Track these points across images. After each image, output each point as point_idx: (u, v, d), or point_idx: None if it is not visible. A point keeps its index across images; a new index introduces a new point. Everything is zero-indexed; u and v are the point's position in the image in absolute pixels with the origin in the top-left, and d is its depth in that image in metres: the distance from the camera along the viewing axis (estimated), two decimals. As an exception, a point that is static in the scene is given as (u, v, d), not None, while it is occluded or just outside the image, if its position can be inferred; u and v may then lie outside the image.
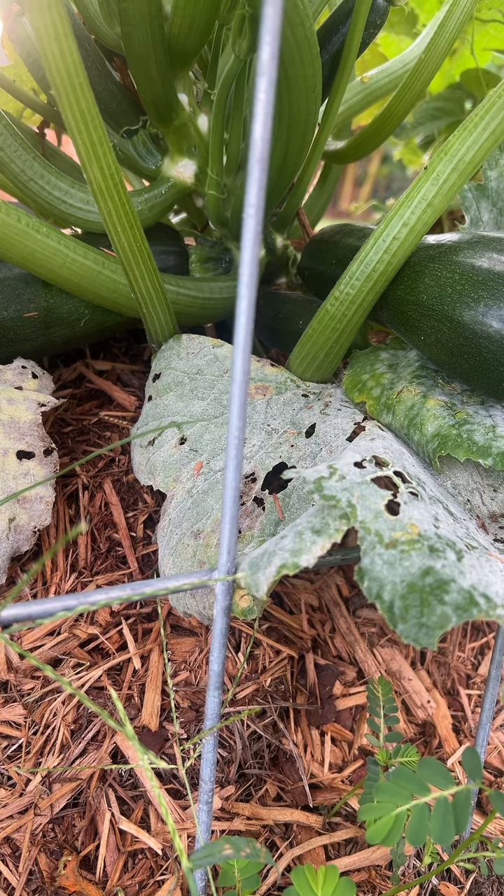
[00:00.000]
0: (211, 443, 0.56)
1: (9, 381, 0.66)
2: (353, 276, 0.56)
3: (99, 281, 0.63)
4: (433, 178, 0.52)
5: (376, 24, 0.76)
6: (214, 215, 0.74)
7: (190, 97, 0.68)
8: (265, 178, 0.27)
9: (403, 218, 0.53)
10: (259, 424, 0.57)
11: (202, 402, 0.59)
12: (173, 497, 0.55)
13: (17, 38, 0.70)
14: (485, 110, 0.50)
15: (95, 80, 0.68)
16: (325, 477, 0.40)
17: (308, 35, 0.53)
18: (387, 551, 0.35)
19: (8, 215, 0.56)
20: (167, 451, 0.57)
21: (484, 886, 0.56)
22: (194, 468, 0.55)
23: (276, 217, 0.82)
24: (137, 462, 0.60)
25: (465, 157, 0.51)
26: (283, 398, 0.60)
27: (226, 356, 0.62)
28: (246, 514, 0.51)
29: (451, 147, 0.51)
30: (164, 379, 0.63)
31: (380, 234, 0.54)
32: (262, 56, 0.25)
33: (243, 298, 0.28)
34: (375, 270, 0.55)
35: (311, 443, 0.54)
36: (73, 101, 0.45)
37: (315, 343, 0.60)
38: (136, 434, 0.62)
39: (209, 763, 0.40)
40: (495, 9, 1.08)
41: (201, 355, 0.63)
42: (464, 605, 0.33)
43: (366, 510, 0.37)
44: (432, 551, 0.36)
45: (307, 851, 0.54)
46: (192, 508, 0.52)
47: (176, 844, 0.29)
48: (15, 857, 0.52)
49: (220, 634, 0.37)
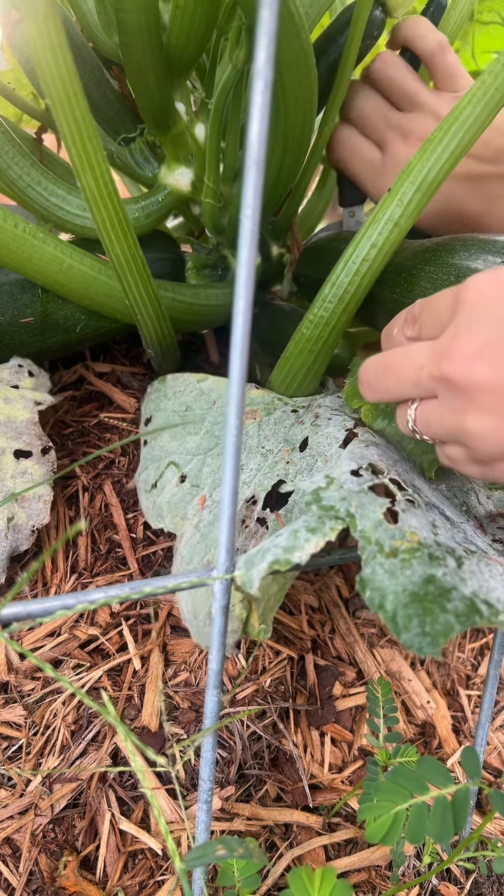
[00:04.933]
0: (210, 475, 0.57)
1: (4, 379, 0.66)
2: (325, 299, 0.57)
3: (95, 287, 0.64)
4: (398, 200, 0.53)
5: (373, 35, 0.77)
6: (211, 223, 0.75)
7: (187, 106, 0.69)
8: (262, 179, 0.27)
9: (371, 239, 0.54)
10: (254, 448, 0.58)
11: (195, 436, 0.60)
12: (183, 535, 0.55)
13: (16, 44, 0.71)
14: (443, 131, 0.51)
15: (93, 89, 0.68)
16: (322, 487, 0.40)
17: (304, 46, 0.54)
18: (388, 560, 0.35)
19: (5, 220, 0.57)
20: (170, 491, 0.58)
21: (484, 886, 0.56)
22: (198, 503, 0.56)
23: (272, 225, 0.83)
24: (145, 507, 0.61)
25: (427, 178, 0.52)
26: (273, 418, 0.60)
27: (211, 388, 0.63)
28: (250, 536, 0.51)
29: (413, 168, 0.52)
30: (156, 421, 0.64)
31: (349, 256, 0.55)
32: (257, 59, 0.26)
33: (240, 299, 0.29)
34: (347, 292, 0.56)
35: (306, 456, 0.54)
36: (67, 111, 0.46)
37: (294, 364, 0.61)
38: (139, 478, 0.63)
39: (208, 762, 0.40)
40: (495, 11, 1.09)
41: (188, 392, 0.64)
42: (466, 612, 0.33)
43: (365, 519, 0.38)
44: (432, 559, 0.36)
45: (307, 852, 0.54)
46: (200, 542, 0.52)
47: (169, 846, 0.29)
48: (15, 857, 0.52)
49: (219, 633, 0.37)
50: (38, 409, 0.63)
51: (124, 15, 0.54)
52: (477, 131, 0.51)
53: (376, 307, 0.60)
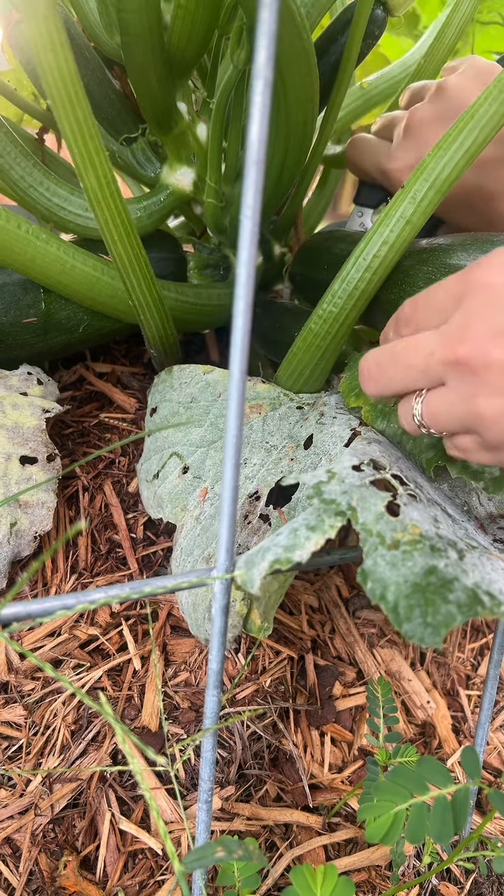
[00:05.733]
0: (213, 468, 0.57)
1: (14, 386, 0.66)
2: (335, 295, 0.57)
3: (98, 287, 0.64)
4: (410, 197, 0.53)
5: (374, 34, 0.77)
6: (213, 223, 0.75)
7: (189, 106, 0.69)
8: (262, 180, 0.28)
9: (383, 236, 0.54)
10: (258, 443, 0.58)
11: (200, 429, 0.60)
12: (183, 526, 0.55)
13: (17, 44, 0.71)
14: (458, 129, 0.51)
15: (95, 89, 0.68)
16: (323, 481, 0.40)
17: (305, 46, 0.54)
18: (389, 552, 0.35)
19: (8, 222, 0.57)
20: (172, 482, 0.58)
21: (484, 886, 0.56)
22: (199, 495, 0.56)
23: (273, 224, 0.83)
24: (146, 497, 0.61)
25: (440, 176, 0.52)
26: (278, 413, 0.60)
27: (217, 381, 0.63)
28: (253, 532, 0.51)
29: (427, 165, 0.52)
30: (161, 412, 0.64)
31: (360, 251, 0.55)
32: (257, 59, 0.26)
33: (240, 299, 0.29)
34: (357, 288, 0.56)
35: (311, 454, 0.54)
36: (68, 111, 0.46)
37: (301, 360, 0.61)
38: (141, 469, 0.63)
39: (208, 762, 0.40)
40: (495, 11, 1.09)
41: (193, 383, 0.64)
42: (468, 602, 0.33)
43: (366, 512, 0.38)
44: (434, 550, 0.36)
45: (307, 852, 0.54)
46: (201, 535, 0.52)
47: (168, 848, 0.29)
48: (15, 857, 0.52)
49: (219, 633, 0.37)
50: (45, 416, 0.63)
51: (126, 15, 0.54)
52: (493, 129, 0.51)
53: (374, 306, 0.60)
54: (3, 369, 0.69)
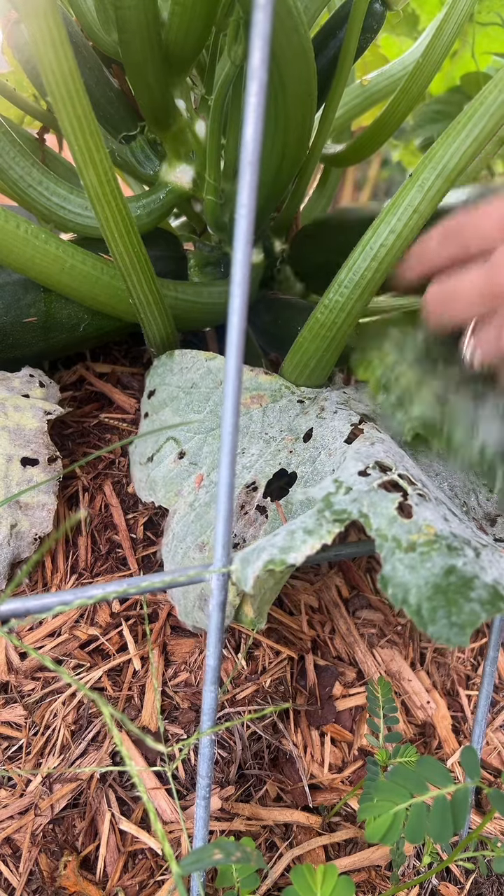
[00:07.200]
0: (210, 455, 0.56)
1: (16, 388, 0.66)
2: (341, 284, 0.56)
3: (98, 287, 0.64)
4: (419, 185, 0.52)
5: (373, 28, 0.76)
6: (212, 220, 0.75)
7: (187, 103, 0.69)
8: (256, 179, 0.27)
9: (390, 225, 0.53)
10: (257, 433, 0.57)
11: (198, 415, 0.59)
12: (175, 512, 0.55)
13: (16, 44, 0.71)
14: (467, 117, 0.51)
15: (93, 87, 0.68)
16: (332, 493, 0.40)
17: (302, 42, 0.54)
18: (406, 555, 0.35)
19: (7, 222, 0.57)
20: (167, 466, 0.57)
21: (484, 886, 0.55)
22: (195, 481, 0.55)
23: (273, 221, 0.83)
24: (138, 479, 0.60)
25: (449, 164, 0.51)
26: (278, 405, 0.60)
27: (219, 368, 0.63)
28: (249, 524, 0.51)
29: (435, 154, 0.52)
30: (160, 395, 0.63)
31: (367, 240, 0.54)
32: (252, 61, 0.26)
33: (236, 297, 0.28)
34: (364, 277, 0.55)
35: (310, 447, 0.54)
36: (69, 108, 0.46)
37: (307, 351, 0.60)
38: (135, 451, 0.63)
39: (206, 759, 0.40)
40: (494, 12, 1.09)
41: (195, 369, 0.63)
42: (490, 600, 0.33)
43: (379, 517, 0.37)
44: (451, 550, 0.36)
45: (307, 852, 0.54)
46: (195, 522, 0.52)
47: (165, 849, 0.29)
48: (15, 857, 0.52)
49: (216, 629, 0.37)
50: (47, 418, 0.63)
51: (123, 12, 0.54)
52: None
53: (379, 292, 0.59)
54: (5, 371, 0.69)
